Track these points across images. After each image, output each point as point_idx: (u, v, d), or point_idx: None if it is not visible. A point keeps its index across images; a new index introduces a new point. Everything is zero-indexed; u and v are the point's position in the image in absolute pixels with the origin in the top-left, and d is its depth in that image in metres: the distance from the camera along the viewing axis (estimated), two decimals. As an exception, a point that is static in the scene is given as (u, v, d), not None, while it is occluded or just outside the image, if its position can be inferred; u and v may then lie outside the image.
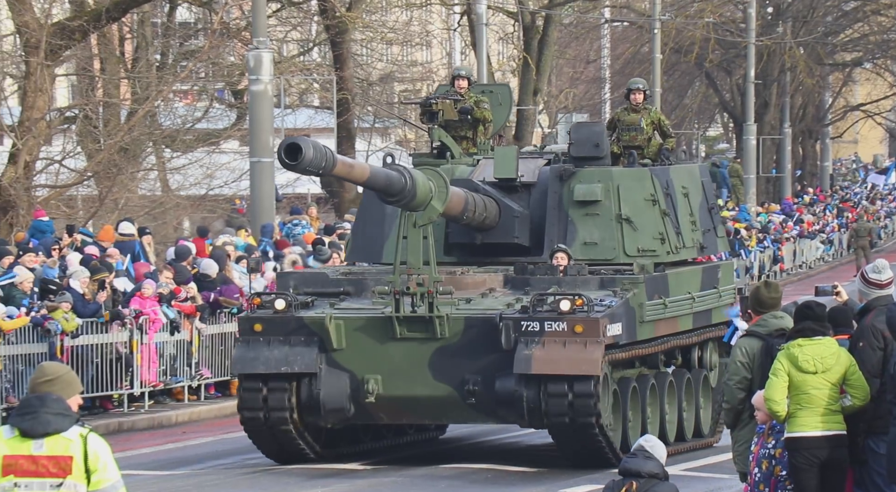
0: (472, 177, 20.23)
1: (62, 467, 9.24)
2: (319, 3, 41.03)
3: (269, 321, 19.01)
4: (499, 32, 55.40)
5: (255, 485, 19.17)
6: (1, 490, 9.06)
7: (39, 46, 33.29)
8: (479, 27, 40.58)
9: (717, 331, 21.39)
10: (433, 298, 18.63)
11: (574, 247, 19.89)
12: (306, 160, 17.00)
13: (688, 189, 21.26)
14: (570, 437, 18.85)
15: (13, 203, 32.86)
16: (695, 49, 58.42)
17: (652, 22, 50.83)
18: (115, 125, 35.89)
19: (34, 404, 9.20)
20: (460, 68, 22.39)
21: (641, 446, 12.51)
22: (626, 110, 21.72)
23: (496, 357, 18.60)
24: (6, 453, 9.08)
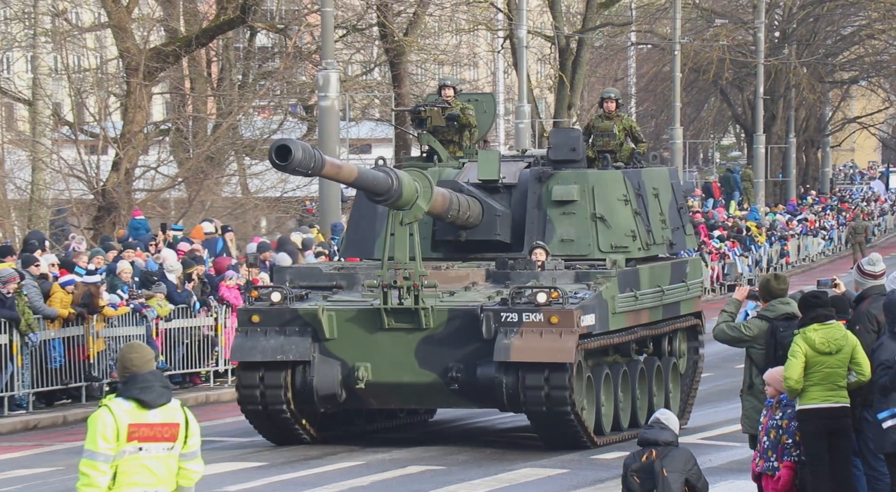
0: (457, 178, 19.48)
1: (172, 432, 9.39)
2: (380, 29, 41.12)
3: (266, 313, 18.24)
4: (537, 54, 55.36)
5: (326, 444, 19.26)
6: (128, 453, 9.24)
7: (139, 69, 33.59)
8: (520, 49, 40.60)
9: (685, 321, 20.74)
10: (418, 291, 17.88)
11: (552, 244, 19.12)
12: (295, 161, 16.31)
13: (658, 190, 20.45)
14: (546, 420, 18.08)
15: (116, 205, 33.23)
16: (711, 68, 58.29)
17: (672, 45, 50.72)
18: (203, 137, 36.11)
19: (150, 380, 9.35)
20: (446, 79, 21.71)
21: (657, 418, 12.56)
22: (600, 117, 20.88)
23: (477, 346, 17.87)
24: (130, 422, 9.21)
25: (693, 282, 20.88)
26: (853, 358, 12.56)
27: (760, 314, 13.52)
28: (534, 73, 53.35)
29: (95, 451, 9.14)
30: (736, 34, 60.54)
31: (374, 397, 18.35)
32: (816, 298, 12.76)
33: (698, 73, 60.14)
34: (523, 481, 17.25)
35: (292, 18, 41.24)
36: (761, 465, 12.94)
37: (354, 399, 18.40)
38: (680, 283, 20.39)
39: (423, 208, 17.90)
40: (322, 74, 31.49)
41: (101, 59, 43.34)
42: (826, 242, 58.96)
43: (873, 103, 75.55)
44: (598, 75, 61.15)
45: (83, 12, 44.68)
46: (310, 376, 18.18)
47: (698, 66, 58.85)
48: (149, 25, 37.34)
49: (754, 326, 13.41)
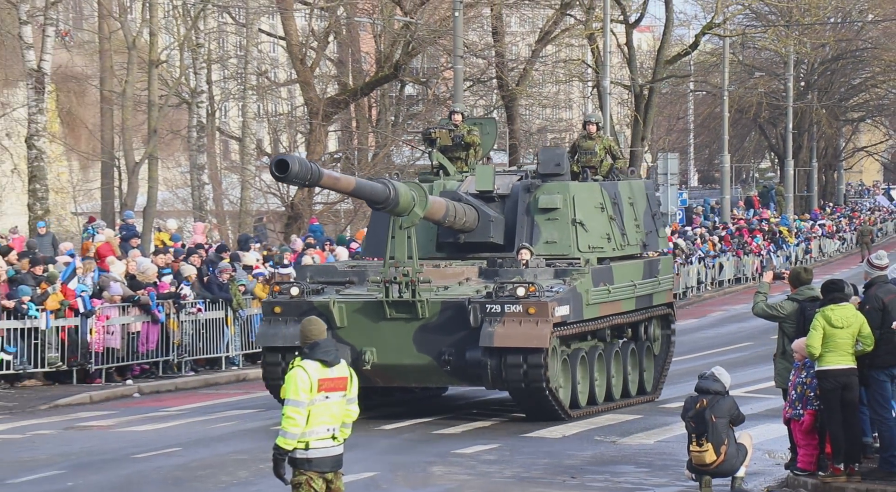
0: (458, 189, 18.18)
1: (345, 383, 9.62)
2: (498, 81, 41.25)
3: (286, 304, 16.96)
4: (618, 98, 55.05)
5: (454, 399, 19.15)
6: (317, 401, 9.46)
7: (318, 113, 34.06)
8: (605, 95, 40.42)
9: (658, 311, 19.36)
10: (415, 286, 16.54)
11: (538, 245, 17.83)
12: (293, 173, 14.71)
13: (634, 199, 19.08)
14: (524, 396, 16.72)
15: (300, 215, 33.70)
16: (751, 109, 57.83)
17: (722, 91, 50.24)
18: (365, 163, 36.42)
19: (328, 345, 9.58)
20: (455, 106, 20.04)
21: (712, 372, 12.53)
22: (583, 138, 19.41)
23: (466, 333, 16.47)
24: (319, 377, 9.44)
25: (664, 277, 19.47)
26: (860, 332, 12.51)
27: (791, 297, 13.48)
28: (615, 114, 53.03)
29: (297, 400, 9.37)
30: (771, 83, 59.97)
31: (379, 376, 16.95)
32: (835, 284, 12.72)
33: (742, 113, 59.71)
34: (606, 423, 17.29)
35: (432, 74, 41.48)
36: (790, 412, 12.92)
37: (362, 379, 16.52)
38: (652, 278, 19.03)
39: (418, 215, 16.57)
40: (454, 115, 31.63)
41: (291, 106, 44.03)
42: (840, 243, 58.16)
43: (877, 136, 75.38)
44: (665, 115, 60.77)
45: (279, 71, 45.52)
46: None
47: (742, 107, 58.45)
48: (326, 81, 37.85)
49: (788, 306, 13.32)
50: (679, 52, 48.68)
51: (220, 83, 40.40)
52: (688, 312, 35.16)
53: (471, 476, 13.67)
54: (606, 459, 14.72)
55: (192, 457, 14.58)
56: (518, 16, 50.47)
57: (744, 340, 27.85)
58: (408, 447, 15.34)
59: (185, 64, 35.50)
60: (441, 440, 15.90)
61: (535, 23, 49.48)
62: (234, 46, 45.23)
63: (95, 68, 40.09)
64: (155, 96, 33.44)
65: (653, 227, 19.63)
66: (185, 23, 34.54)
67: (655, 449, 15.32)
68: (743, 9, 50.36)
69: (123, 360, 21.45)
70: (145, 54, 33.56)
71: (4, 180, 37.93)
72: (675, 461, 14.05)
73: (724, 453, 12.33)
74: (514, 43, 49.63)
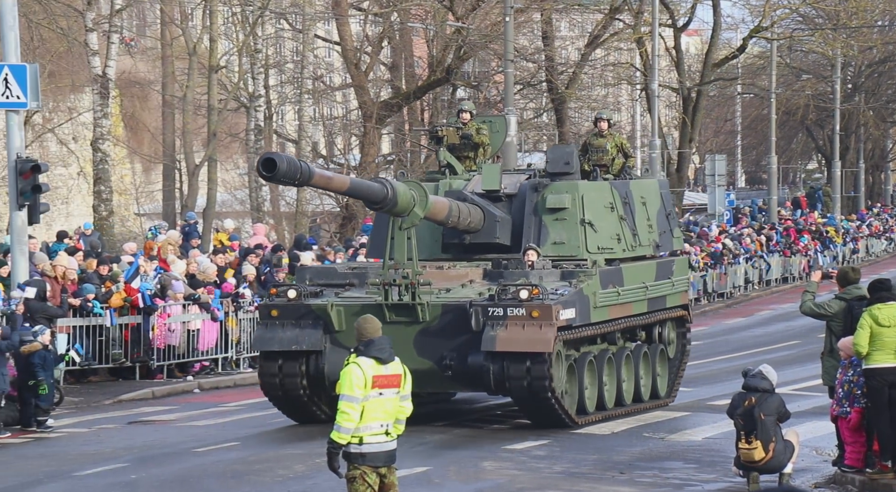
0: (464, 189, 17.07)
1: (398, 380, 9.65)
2: (548, 84, 41.20)
3: (284, 308, 15.86)
4: (666, 101, 54.69)
5: None
6: (371, 397, 9.48)
7: (372, 116, 34.17)
8: (653, 98, 40.22)
9: (673, 313, 18.20)
10: (415, 288, 15.51)
11: (546, 245, 16.74)
12: (281, 172, 13.67)
13: (646, 199, 17.95)
14: (528, 402, 15.71)
15: (354, 215, 33.80)
16: (799, 112, 57.34)
17: (769, 94, 49.83)
18: (417, 164, 36.44)
19: (383, 343, 9.61)
20: (464, 104, 18.69)
21: (760, 371, 12.43)
22: (594, 136, 18.31)
23: (468, 337, 15.40)
24: (374, 374, 9.46)
25: (679, 278, 18.32)
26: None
27: (838, 296, 13.34)
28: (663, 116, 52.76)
29: (352, 395, 9.40)
30: (818, 86, 59.38)
31: None
32: (882, 284, 12.58)
33: (789, 115, 59.16)
34: (655, 420, 17.20)
35: (483, 77, 41.47)
36: (837, 410, 12.80)
37: None
38: (666, 279, 17.91)
39: (419, 215, 15.48)
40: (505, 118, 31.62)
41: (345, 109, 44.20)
42: (887, 243, 57.46)
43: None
44: (712, 117, 60.36)
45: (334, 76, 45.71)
46: (322, 364, 15.79)
47: (789, 109, 57.93)
48: (380, 85, 37.99)
49: (835, 305, 13.19)
50: (727, 56, 48.36)
51: (277, 87, 40.61)
52: (735, 311, 34.96)
53: (521, 471, 13.65)
54: (655, 455, 14.64)
55: (251, 451, 14.66)
56: (568, 20, 50.35)
57: (791, 339, 27.62)
58: (459, 443, 15.34)
59: (244, 69, 35.74)
60: (492, 436, 15.88)
61: (585, 27, 49.35)
62: (290, 52, 45.48)
63: (157, 74, 40.47)
64: (214, 100, 33.69)
65: (667, 227, 18.50)
66: (244, 29, 34.77)
67: (704, 446, 15.23)
68: (790, 12, 49.89)
69: (184, 356, 21.63)
70: (205, 60, 33.82)
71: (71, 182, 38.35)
72: (723, 458, 13.96)
73: (773, 450, 12.24)
74: (563, 47, 49.51)
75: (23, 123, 20.56)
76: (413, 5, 37.10)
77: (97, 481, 13.20)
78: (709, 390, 19.60)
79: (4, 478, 13.36)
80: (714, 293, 36.19)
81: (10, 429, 16.43)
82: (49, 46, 32.61)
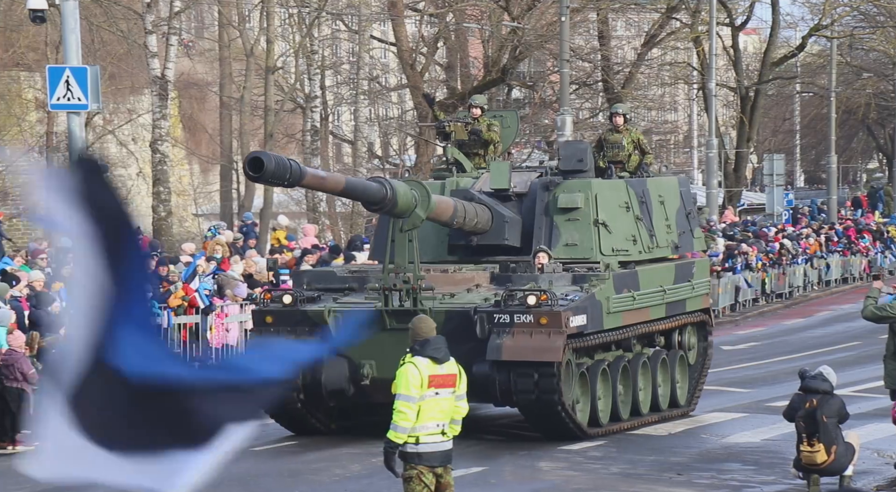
0: (471, 188, 16.12)
1: (454, 380, 9.69)
2: (603, 84, 41.05)
3: (278, 314, 14.95)
4: (723, 100, 54.33)
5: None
6: (427, 396, 9.53)
7: (427, 117, 34.22)
8: (710, 98, 39.95)
9: (693, 317, 17.24)
10: (416, 293, 14.59)
11: (557, 247, 15.77)
12: (268, 172, 12.87)
13: (664, 198, 17.00)
14: (536, 414, 14.75)
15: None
16: (859, 110, 56.72)
17: (829, 93, 49.32)
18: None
19: (438, 342, 9.66)
20: (475, 98, 17.81)
21: (821, 372, 12.33)
22: (610, 131, 17.40)
23: (473, 345, 14.29)
24: (430, 374, 9.52)
25: (699, 281, 17.36)
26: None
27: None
28: (720, 115, 52.36)
29: (409, 395, 9.45)
30: (879, 84, 58.70)
31: (378, 392, 14.52)
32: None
33: (849, 113, 58.52)
34: (713, 421, 17.08)
35: (539, 77, 41.41)
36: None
37: (361, 394, 15.02)
38: (685, 282, 16.94)
39: (420, 216, 14.52)
40: (560, 118, 31.59)
41: (401, 109, 44.32)
42: (950, 242, 56.60)
43: None
44: (771, 116, 59.88)
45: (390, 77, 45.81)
46: (319, 374, 14.84)
47: (849, 108, 57.30)
48: (435, 85, 38.05)
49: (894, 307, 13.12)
50: (785, 54, 47.94)
51: (333, 88, 40.78)
52: (794, 312, 34.64)
53: (577, 472, 13.61)
54: (713, 456, 14.53)
55: (308, 450, 14.73)
56: (624, 20, 50.13)
57: (851, 340, 27.31)
58: (515, 443, 15.29)
59: (300, 70, 35.95)
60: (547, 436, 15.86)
61: (641, 26, 49.12)
62: (346, 53, 45.68)
63: (215, 75, 40.79)
64: (271, 101, 33.90)
65: (687, 227, 17.51)
66: (300, 30, 34.96)
67: (762, 447, 15.11)
68: (850, 10, 49.35)
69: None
70: (262, 61, 34.04)
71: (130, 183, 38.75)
72: (781, 460, 13.84)
73: (835, 453, 12.12)
74: (619, 46, 49.31)
75: (84, 124, 20.80)
76: (469, 6, 37.12)
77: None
78: (768, 392, 19.44)
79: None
80: (773, 294, 35.90)
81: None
82: (109, 49, 32.97)
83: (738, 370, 22.44)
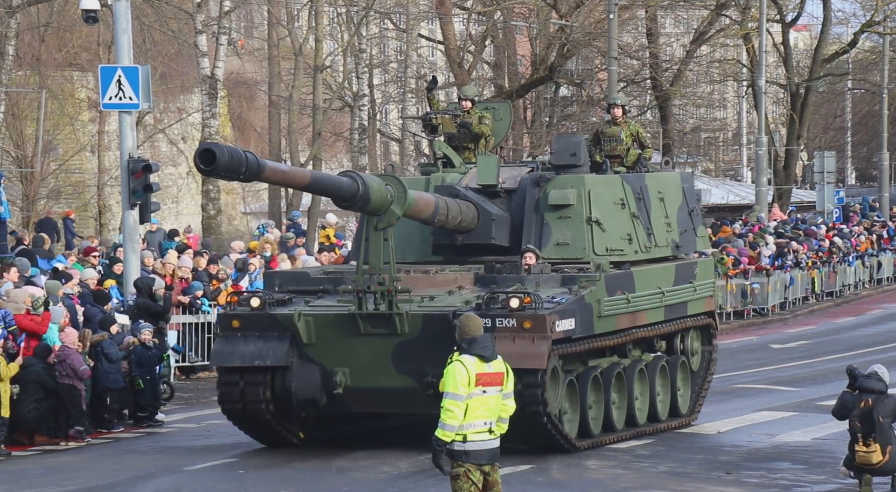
0: (458, 183, 15.02)
1: (501, 378, 9.65)
2: (652, 81, 40.88)
3: (246, 318, 13.89)
4: (773, 98, 53.97)
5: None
6: (475, 395, 9.49)
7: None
8: (760, 95, 39.66)
9: (696, 321, 16.13)
10: (392, 296, 13.44)
11: (548, 247, 14.70)
12: (221, 165, 11.77)
13: (664, 194, 15.90)
14: (520, 425, 12.21)
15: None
16: (912, 107, 56.25)
17: (881, 89, 48.83)
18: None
19: (486, 341, 9.63)
20: (466, 91, 16.48)
21: (875, 371, 12.17)
22: (608, 124, 16.42)
23: (452, 351, 12.88)
24: (477, 372, 9.47)
25: (702, 283, 16.24)
26: None
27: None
28: (770, 113, 52.02)
29: (456, 393, 9.42)
30: (932, 81, 58.06)
31: (353, 401, 13.94)
32: None
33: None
34: (762, 420, 16.95)
35: (586, 75, 41.30)
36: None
37: (335, 404, 14.01)
38: (687, 283, 15.85)
39: (396, 213, 13.40)
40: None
41: (448, 107, 44.25)
42: None
43: None
44: (821, 113, 59.35)
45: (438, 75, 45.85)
46: (288, 382, 13.88)
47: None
48: (483, 83, 38.05)
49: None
50: (837, 51, 47.48)
51: (381, 87, 40.90)
52: (845, 310, 34.36)
53: (625, 471, 13.55)
54: (762, 455, 14.44)
55: (356, 447, 14.77)
56: (673, 17, 49.91)
57: (903, 339, 27.05)
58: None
59: (348, 69, 36.05)
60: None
61: (690, 23, 48.85)
62: (394, 51, 45.77)
63: (264, 74, 41.01)
64: (319, 100, 34.02)
65: (689, 225, 16.39)
66: (349, 29, 35.07)
67: (812, 446, 15.01)
68: (902, 5, 48.80)
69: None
70: (311, 60, 34.18)
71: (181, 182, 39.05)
72: (832, 459, 13.73)
73: (889, 453, 11.99)
74: (668, 44, 49.05)
75: (135, 123, 20.98)
76: (516, 4, 37.11)
77: (206, 476, 13.35)
78: (818, 390, 19.29)
79: (118, 472, 13.65)
80: (823, 292, 35.60)
81: (123, 423, 16.78)
82: (160, 48, 33.23)
83: (788, 369, 22.28)
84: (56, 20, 31.98)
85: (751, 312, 31.40)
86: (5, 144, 30.60)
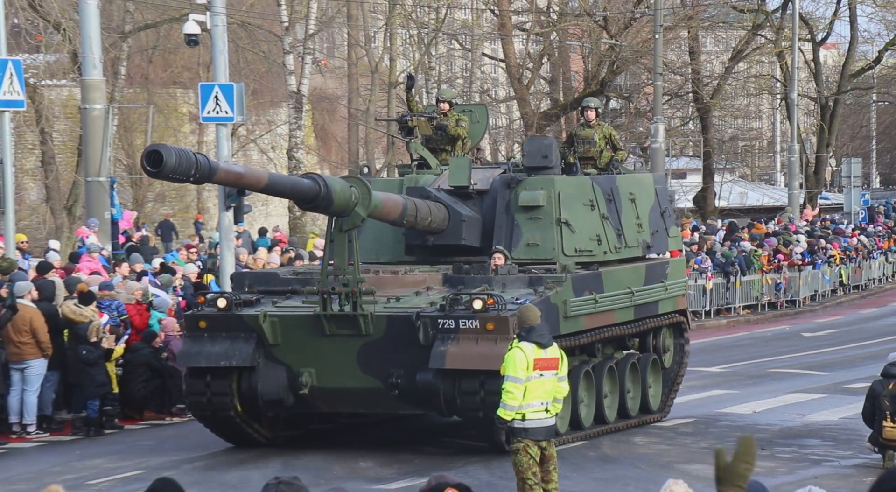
0: (431, 185, 13.92)
1: (556, 363, 9.66)
2: (693, 94, 40.55)
3: (212, 318, 12.80)
4: (804, 109, 53.22)
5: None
6: (533, 378, 9.48)
7: (533, 125, 34.16)
8: (792, 107, 39.15)
9: (668, 319, 15.00)
10: (357, 297, 12.36)
11: (518, 247, 13.61)
12: (168, 167, 10.72)
13: (635, 195, 14.73)
14: (483, 426, 12.31)
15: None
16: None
17: (903, 100, 48.02)
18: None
19: (542, 329, 9.62)
20: (443, 93, 15.53)
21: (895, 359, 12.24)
22: (581, 126, 15.22)
23: (417, 352, 12.21)
24: (535, 357, 9.49)
25: (673, 282, 15.13)
26: None
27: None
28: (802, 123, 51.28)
29: (516, 376, 9.45)
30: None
31: (319, 401, 12.89)
32: None
33: (924, 120, 56.89)
34: (793, 401, 16.72)
35: (634, 89, 41.05)
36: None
37: (301, 404, 12.97)
38: (658, 283, 14.74)
39: (361, 215, 12.33)
40: (654, 126, 31.24)
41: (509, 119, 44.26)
42: None
43: None
44: (849, 123, 58.57)
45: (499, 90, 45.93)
46: (255, 382, 12.85)
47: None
48: (540, 97, 37.96)
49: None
50: (863, 67, 46.80)
51: (449, 101, 40.87)
52: (870, 302, 34.00)
53: (670, 446, 13.49)
54: (794, 433, 14.32)
55: (414, 429, 14.76)
56: (713, 37, 49.43)
57: (924, 329, 26.63)
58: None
59: (419, 84, 36.15)
60: (642, 414, 15.73)
61: (729, 43, 48.40)
62: (460, 68, 45.77)
63: (344, 90, 41.25)
64: (393, 113, 34.17)
65: (661, 225, 15.19)
66: (420, 49, 35.16)
67: (840, 425, 14.84)
68: (924, 25, 47.93)
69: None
70: (386, 77, 34.31)
71: (269, 186, 39.34)
72: (858, 436, 13.57)
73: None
74: (708, 61, 48.65)
75: (230, 134, 21.20)
76: (571, 25, 36.98)
77: (300, 442, 13.37)
78: (845, 374, 19.05)
79: (217, 443, 13.58)
80: (849, 286, 35.22)
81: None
82: (252, 67, 33.57)
83: (818, 355, 22.00)
84: (162, 43, 32.43)
85: (784, 303, 31.08)
86: (118, 153, 31.08)
